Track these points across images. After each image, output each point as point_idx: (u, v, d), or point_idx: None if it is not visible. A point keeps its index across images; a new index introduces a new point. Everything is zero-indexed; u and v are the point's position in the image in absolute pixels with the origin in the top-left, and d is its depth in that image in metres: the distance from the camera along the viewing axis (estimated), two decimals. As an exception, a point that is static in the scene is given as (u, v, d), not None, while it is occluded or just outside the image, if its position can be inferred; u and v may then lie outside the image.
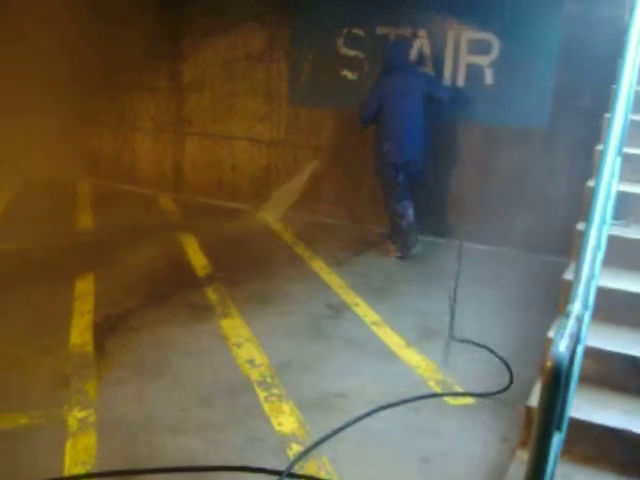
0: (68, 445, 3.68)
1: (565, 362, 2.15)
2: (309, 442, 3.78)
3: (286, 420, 4.01)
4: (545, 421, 2.16)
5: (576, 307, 2.52)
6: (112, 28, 8.66)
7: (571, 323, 2.39)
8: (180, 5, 8.24)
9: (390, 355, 4.86)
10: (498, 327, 5.27)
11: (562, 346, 2.20)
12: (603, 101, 5.62)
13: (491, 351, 4.84)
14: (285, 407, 4.14)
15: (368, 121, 6.72)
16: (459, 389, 4.38)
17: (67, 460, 3.55)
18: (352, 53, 7.34)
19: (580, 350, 3.33)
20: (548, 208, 6.61)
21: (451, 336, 5.10)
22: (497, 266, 6.54)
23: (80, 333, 5.00)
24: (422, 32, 6.87)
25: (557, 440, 2.59)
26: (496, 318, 5.43)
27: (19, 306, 5.44)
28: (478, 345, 4.94)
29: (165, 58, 8.54)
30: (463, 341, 5.02)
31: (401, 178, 6.66)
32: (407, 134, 6.56)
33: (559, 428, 2.67)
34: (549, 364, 2.13)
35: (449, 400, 4.27)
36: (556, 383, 2.13)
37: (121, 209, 8.23)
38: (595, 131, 5.26)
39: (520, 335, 5.10)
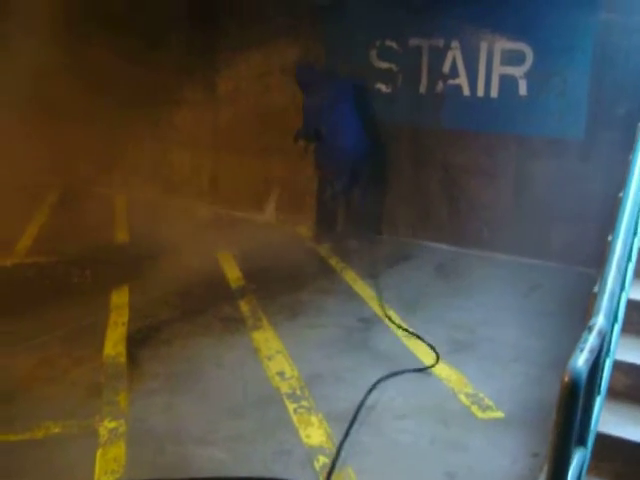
0: (98, 454, 3.74)
1: (582, 377, 2.11)
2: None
3: (314, 432, 4.01)
4: (562, 436, 2.13)
5: (599, 321, 2.48)
6: (150, 44, 8.81)
7: (592, 337, 2.35)
8: (215, 19, 8.35)
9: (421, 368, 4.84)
10: (531, 337, 5.23)
11: (580, 361, 2.16)
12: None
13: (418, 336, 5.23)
14: (314, 419, 4.15)
15: (308, 137, 7.37)
16: (490, 403, 4.33)
17: (97, 469, 3.61)
18: (385, 66, 7.35)
19: (609, 364, 3.28)
20: (585, 220, 6.51)
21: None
22: (532, 278, 6.46)
23: (114, 344, 5.09)
24: (455, 43, 6.85)
25: (580, 456, 2.55)
26: (529, 328, 5.39)
27: (57, 317, 5.55)
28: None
29: (201, 72, 8.66)
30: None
31: (338, 175, 7.29)
32: (341, 136, 7.13)
33: (583, 443, 2.63)
34: (566, 379, 2.10)
35: (479, 414, 4.23)
36: (572, 398, 2.09)
37: (158, 221, 8.33)
38: (632, 141, 5.19)
39: (554, 345, 5.04)
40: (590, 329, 2.41)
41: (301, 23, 7.78)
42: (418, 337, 5.22)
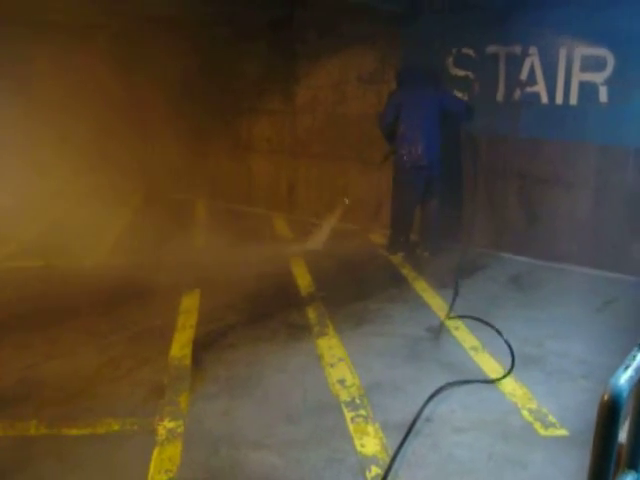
0: (155, 453, 3.81)
1: (623, 395, 2.01)
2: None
3: (369, 442, 3.97)
4: (600, 459, 2.02)
5: (652, 337, 2.36)
6: (230, 55, 9.01)
7: (641, 354, 2.24)
8: (294, 28, 8.45)
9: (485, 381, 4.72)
10: (603, 353, 5.02)
11: (622, 379, 2.06)
12: None
13: (489, 325, 5.35)
14: (370, 429, 4.11)
15: (386, 128, 7.31)
16: (553, 420, 4.19)
17: (152, 467, 3.68)
18: (462, 73, 7.26)
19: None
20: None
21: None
22: (608, 292, 6.22)
23: (180, 347, 5.19)
24: (533, 49, 6.68)
25: (630, 480, 2.43)
26: (601, 344, 5.19)
27: (127, 318, 5.72)
28: (479, 320, 5.49)
29: (280, 81, 8.78)
30: (462, 317, 5.68)
31: (416, 182, 7.17)
32: (422, 141, 7.04)
33: (634, 467, 2.50)
34: (605, 397, 2.00)
35: (541, 431, 4.09)
36: (612, 418, 1.99)
37: (235, 228, 8.48)
38: None
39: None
40: (640, 346, 2.30)
41: (378, 31, 7.78)
42: (495, 330, 5.23)
